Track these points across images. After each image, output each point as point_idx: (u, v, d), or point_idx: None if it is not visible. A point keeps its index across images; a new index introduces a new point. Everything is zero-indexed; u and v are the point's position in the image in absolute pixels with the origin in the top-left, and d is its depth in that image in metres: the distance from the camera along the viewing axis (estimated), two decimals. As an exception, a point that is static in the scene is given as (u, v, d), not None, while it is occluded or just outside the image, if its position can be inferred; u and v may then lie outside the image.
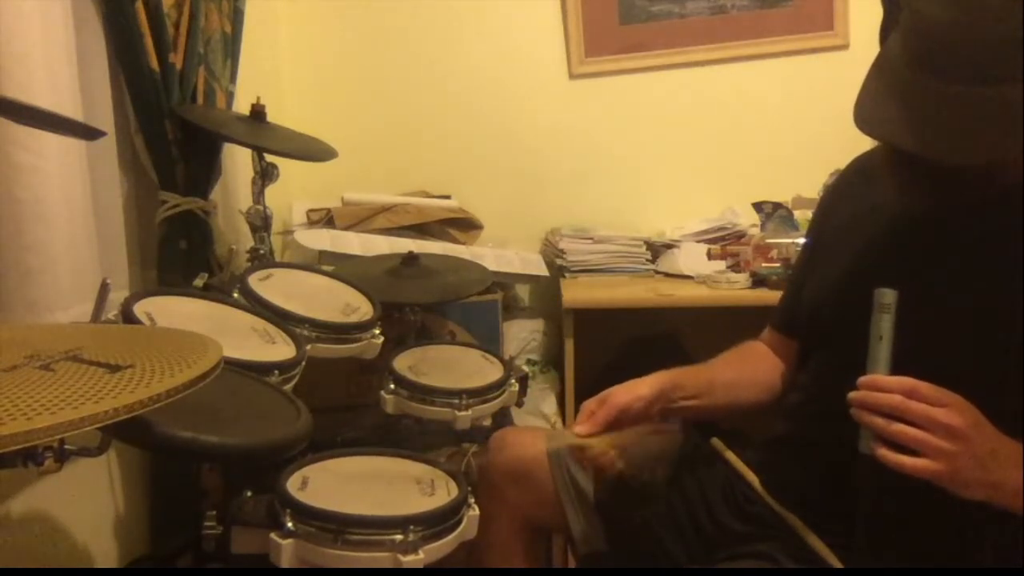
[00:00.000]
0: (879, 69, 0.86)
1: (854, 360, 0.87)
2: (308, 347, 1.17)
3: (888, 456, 0.80)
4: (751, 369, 1.19)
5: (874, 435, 0.82)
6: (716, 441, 1.15)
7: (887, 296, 0.86)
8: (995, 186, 0.86)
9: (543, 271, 2.08)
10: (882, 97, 0.83)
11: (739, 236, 2.12)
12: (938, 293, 0.92)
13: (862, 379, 0.84)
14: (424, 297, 1.59)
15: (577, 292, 1.99)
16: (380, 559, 0.96)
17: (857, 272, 1.01)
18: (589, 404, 1.06)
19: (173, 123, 1.40)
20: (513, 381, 1.43)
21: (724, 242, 2.10)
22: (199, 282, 1.34)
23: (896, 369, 0.84)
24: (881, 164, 0.92)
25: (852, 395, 0.84)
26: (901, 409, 0.80)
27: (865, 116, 0.83)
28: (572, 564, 1.52)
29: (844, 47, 2.28)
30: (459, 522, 1.04)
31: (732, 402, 1.16)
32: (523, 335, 2.14)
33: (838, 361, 1.00)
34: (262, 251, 1.54)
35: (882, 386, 0.82)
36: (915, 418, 0.80)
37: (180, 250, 1.45)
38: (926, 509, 0.86)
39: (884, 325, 0.85)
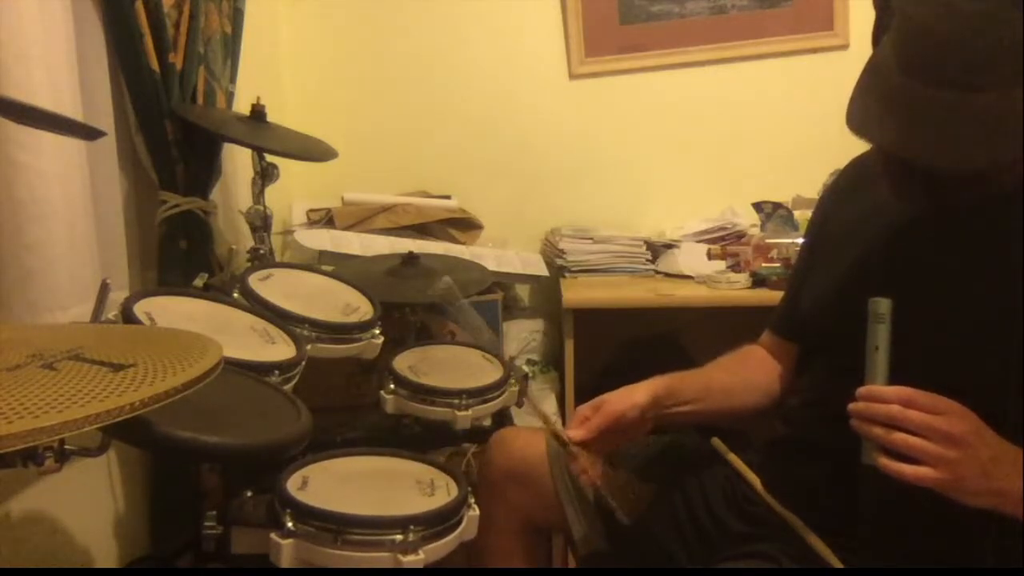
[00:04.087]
0: (871, 73, 0.86)
1: (853, 365, 0.87)
2: (308, 347, 1.17)
3: (890, 466, 0.80)
4: (748, 374, 1.18)
5: (876, 445, 0.82)
6: (717, 442, 1.15)
7: (882, 306, 0.86)
8: (989, 190, 0.86)
9: (543, 271, 2.08)
10: (874, 101, 0.83)
11: (739, 236, 2.12)
12: (936, 299, 0.92)
13: (860, 390, 0.84)
14: (424, 297, 1.59)
15: (577, 292, 1.99)
16: (380, 559, 0.96)
17: (855, 277, 1.01)
18: (583, 410, 1.05)
19: (173, 123, 1.40)
20: (513, 381, 1.43)
21: (724, 242, 2.10)
22: (199, 282, 1.34)
23: (896, 377, 0.84)
24: (877, 167, 0.93)
25: (851, 407, 0.84)
26: (900, 419, 0.80)
27: (857, 120, 0.83)
28: (572, 564, 1.52)
29: (844, 47, 2.28)
30: (459, 522, 1.04)
31: (729, 407, 1.15)
32: (523, 335, 2.14)
33: (837, 365, 1.00)
34: (262, 251, 1.54)
35: (880, 396, 0.82)
36: (914, 427, 0.80)
37: (180, 250, 1.45)
38: (928, 515, 0.86)
39: (880, 335, 0.85)
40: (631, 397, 1.05)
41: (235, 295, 1.23)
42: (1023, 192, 0.90)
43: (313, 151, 1.62)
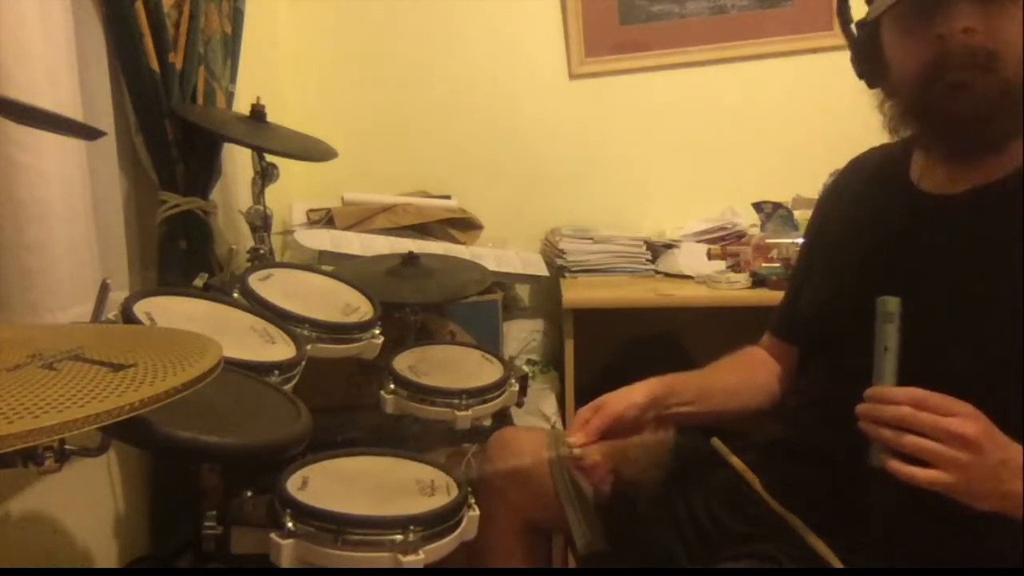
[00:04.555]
0: None
1: (853, 366, 0.87)
2: (308, 347, 1.17)
3: (899, 468, 0.79)
4: (748, 374, 1.18)
5: (883, 447, 0.81)
6: (716, 442, 1.15)
7: (890, 305, 0.84)
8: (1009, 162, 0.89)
9: (543, 271, 2.08)
10: None
11: (739, 236, 2.12)
12: (937, 298, 0.92)
13: (869, 391, 0.83)
14: (424, 297, 1.59)
15: (577, 292, 1.99)
16: (380, 559, 0.96)
17: (854, 278, 1.01)
18: (583, 412, 1.06)
19: (173, 123, 1.40)
20: (513, 381, 1.43)
21: (724, 242, 2.10)
22: (199, 282, 1.34)
23: (903, 377, 0.83)
24: (903, 152, 0.95)
25: (860, 408, 0.83)
26: (910, 421, 0.79)
27: None
28: (572, 564, 1.52)
29: (844, 47, 2.27)
30: (459, 522, 1.03)
31: (729, 407, 1.15)
32: (523, 335, 2.14)
33: (837, 367, 1.00)
34: (262, 251, 1.54)
35: (890, 398, 0.82)
36: (925, 429, 0.79)
37: (180, 250, 1.45)
38: (931, 516, 0.86)
39: (889, 335, 0.84)
40: (630, 397, 1.05)
41: (235, 295, 1.23)
42: (1023, 189, 0.90)
43: (313, 151, 1.62)
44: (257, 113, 1.53)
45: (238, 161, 1.68)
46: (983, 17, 0.86)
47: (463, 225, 2.15)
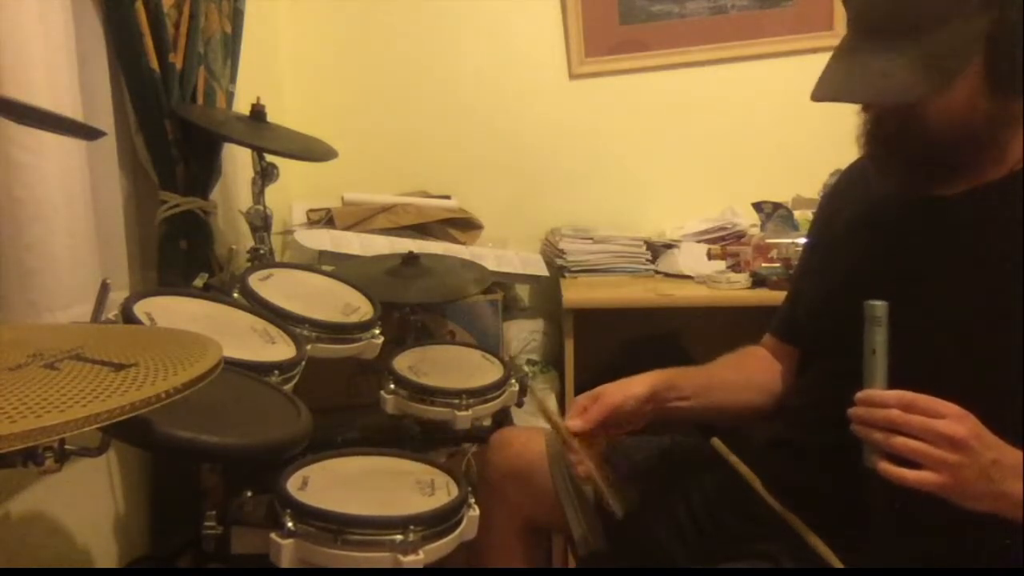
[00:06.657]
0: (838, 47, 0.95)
1: (851, 368, 0.87)
2: (308, 347, 1.17)
3: (890, 470, 0.80)
4: (748, 372, 1.18)
5: (876, 449, 0.82)
6: (716, 441, 1.15)
7: (878, 309, 0.85)
8: (971, 171, 0.92)
9: (543, 271, 2.08)
10: (830, 68, 0.94)
11: (739, 236, 2.12)
12: (932, 300, 0.92)
13: (859, 394, 0.84)
14: (424, 297, 1.59)
15: (577, 292, 1.99)
16: (380, 559, 0.96)
17: (851, 280, 1.01)
18: (582, 400, 1.06)
19: (173, 123, 1.40)
20: (513, 381, 1.43)
21: (724, 242, 2.10)
22: (199, 282, 1.34)
23: (895, 381, 0.84)
24: (868, 160, 0.99)
25: (851, 411, 0.84)
26: (899, 423, 0.80)
27: (816, 88, 0.92)
28: (572, 564, 1.52)
29: (844, 47, 2.27)
30: (459, 522, 1.04)
31: (728, 404, 1.15)
32: (523, 335, 2.14)
33: (836, 369, 1.00)
34: (262, 251, 1.54)
35: (879, 401, 0.82)
36: (915, 431, 0.79)
37: (180, 250, 1.45)
38: (929, 516, 0.86)
39: (877, 338, 0.85)
40: (630, 388, 1.06)
41: (235, 295, 1.23)
42: (1021, 192, 0.90)
43: (313, 151, 1.62)
44: (257, 113, 1.53)
45: (238, 161, 1.68)
46: None
47: (463, 225, 2.15)
